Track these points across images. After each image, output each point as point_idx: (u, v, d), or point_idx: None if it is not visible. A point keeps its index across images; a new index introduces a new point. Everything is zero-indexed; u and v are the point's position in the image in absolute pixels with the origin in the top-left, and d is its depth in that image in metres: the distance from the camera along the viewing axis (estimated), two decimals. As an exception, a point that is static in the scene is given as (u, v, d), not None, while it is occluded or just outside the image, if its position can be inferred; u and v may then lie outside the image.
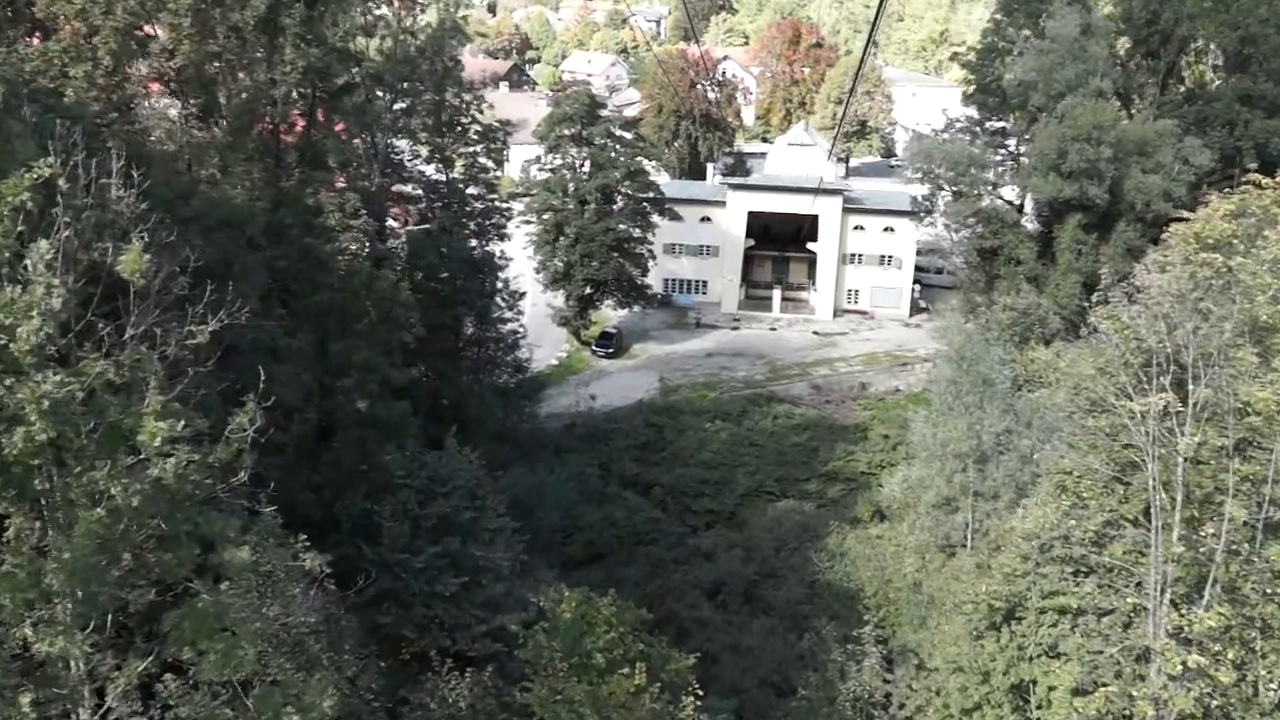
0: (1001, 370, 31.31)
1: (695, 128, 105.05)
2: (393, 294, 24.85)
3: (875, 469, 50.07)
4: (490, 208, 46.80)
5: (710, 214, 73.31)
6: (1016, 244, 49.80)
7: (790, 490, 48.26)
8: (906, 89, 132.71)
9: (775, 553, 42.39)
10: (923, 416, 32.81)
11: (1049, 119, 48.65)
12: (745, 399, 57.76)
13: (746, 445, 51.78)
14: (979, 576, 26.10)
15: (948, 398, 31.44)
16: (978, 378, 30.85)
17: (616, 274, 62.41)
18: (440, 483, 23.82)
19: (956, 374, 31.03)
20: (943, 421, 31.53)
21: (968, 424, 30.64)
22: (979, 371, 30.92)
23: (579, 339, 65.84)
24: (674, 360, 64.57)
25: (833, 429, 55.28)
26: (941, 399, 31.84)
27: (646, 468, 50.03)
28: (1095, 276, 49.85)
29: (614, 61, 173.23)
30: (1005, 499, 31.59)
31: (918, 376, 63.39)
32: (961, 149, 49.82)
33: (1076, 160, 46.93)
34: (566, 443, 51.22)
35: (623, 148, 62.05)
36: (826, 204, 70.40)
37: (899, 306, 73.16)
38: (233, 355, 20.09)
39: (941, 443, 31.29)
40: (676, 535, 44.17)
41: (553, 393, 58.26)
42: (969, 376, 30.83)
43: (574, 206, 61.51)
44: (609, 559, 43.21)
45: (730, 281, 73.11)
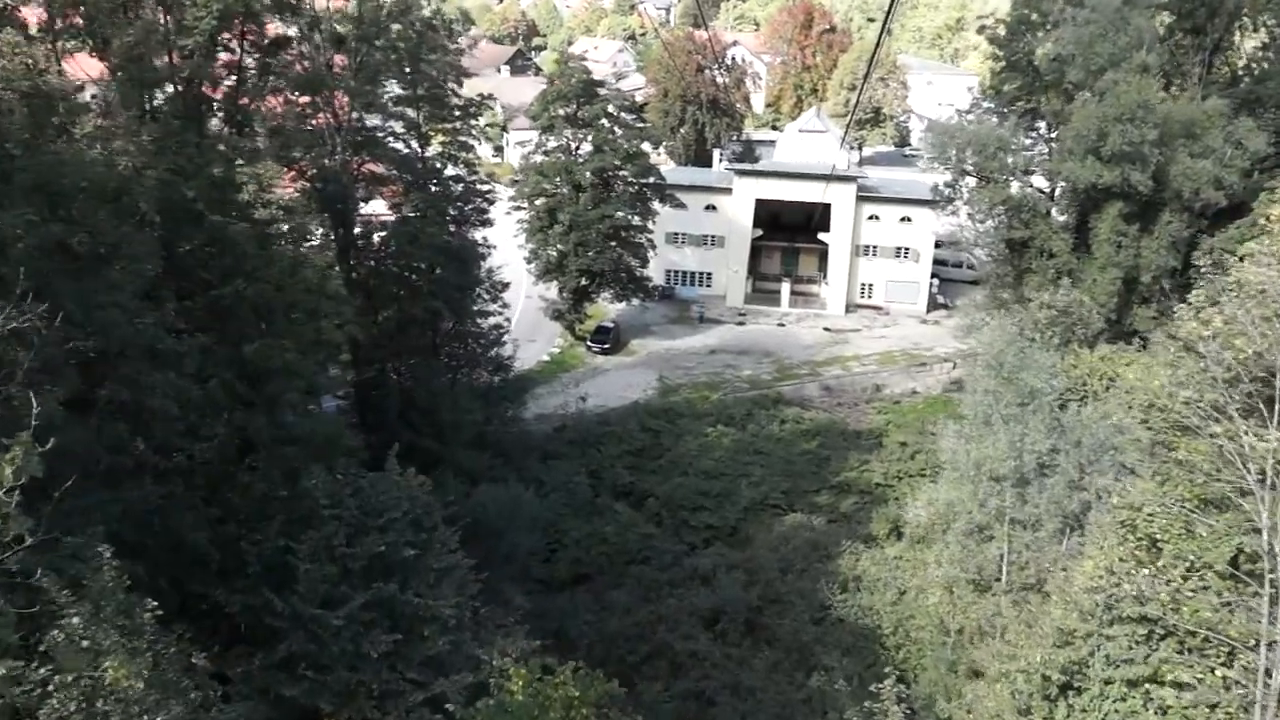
0: (1049, 380, 26.92)
1: (702, 113, 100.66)
2: (320, 285, 20.62)
3: (892, 480, 45.84)
4: (471, 190, 42.48)
5: (716, 202, 68.91)
6: (1049, 235, 45.29)
7: (798, 503, 43.99)
8: (922, 77, 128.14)
9: (781, 575, 38.18)
10: (954, 430, 28.43)
11: (1087, 98, 44.10)
12: (750, 401, 53.48)
13: (751, 453, 47.51)
14: (1026, 637, 21.73)
15: (984, 410, 27.06)
16: (1022, 387, 26.47)
17: (614, 265, 58.13)
18: (374, 513, 19.64)
19: (996, 383, 26.64)
20: (978, 437, 27.18)
21: (1008, 441, 26.27)
22: (1023, 380, 26.54)
23: (573, 334, 61.62)
24: (675, 357, 60.29)
25: (845, 435, 50.99)
26: (977, 411, 27.48)
27: (641, 476, 45.83)
28: (1136, 271, 45.60)
29: (621, 48, 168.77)
30: (1049, 529, 27.31)
31: (936, 378, 59.16)
32: (988, 130, 45.30)
33: (1118, 142, 42.41)
34: (555, 448, 47.02)
35: (622, 129, 57.65)
36: (839, 192, 66.02)
37: (916, 302, 68.71)
38: (101, 362, 15.95)
39: (976, 462, 27.00)
40: (672, 554, 39.98)
41: (543, 391, 54.05)
42: (1011, 386, 26.45)
43: (568, 192, 57.21)
44: (596, 580, 39.09)
45: (736, 274, 68.77)
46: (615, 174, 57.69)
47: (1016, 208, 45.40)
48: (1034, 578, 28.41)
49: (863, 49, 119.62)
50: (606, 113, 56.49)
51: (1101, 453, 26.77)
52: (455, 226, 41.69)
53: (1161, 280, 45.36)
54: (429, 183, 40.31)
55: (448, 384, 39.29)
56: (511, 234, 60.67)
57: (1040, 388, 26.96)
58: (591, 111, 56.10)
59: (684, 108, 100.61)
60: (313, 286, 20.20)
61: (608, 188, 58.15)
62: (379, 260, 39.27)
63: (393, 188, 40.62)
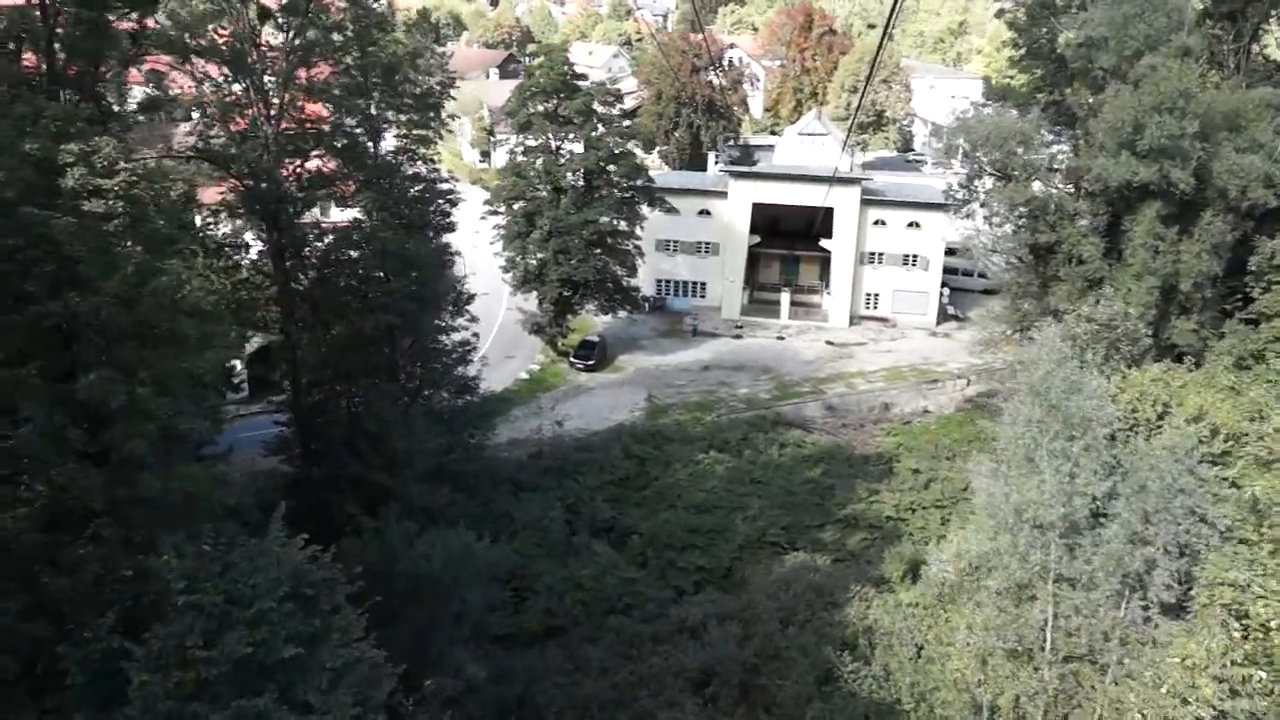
0: (1104, 408, 22.17)
1: (698, 116, 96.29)
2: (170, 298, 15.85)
3: (905, 513, 41.09)
4: (431, 190, 37.78)
5: (710, 206, 64.30)
6: (1078, 240, 40.56)
7: (800, 540, 39.20)
8: (925, 80, 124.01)
9: (781, 628, 33.28)
10: (988, 470, 23.61)
11: (1120, 87, 39.48)
12: (747, 423, 48.68)
13: (747, 482, 42.70)
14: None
15: (1027, 444, 22.30)
16: (1071, 417, 21.73)
17: (598, 274, 53.45)
18: (242, 602, 14.89)
19: (1042, 412, 21.89)
20: (1019, 477, 22.42)
21: (1056, 483, 21.52)
22: (1073, 409, 21.80)
23: (555, 349, 56.88)
24: (665, 374, 55.56)
25: (851, 461, 46.22)
26: (1017, 445, 22.70)
27: (624, 510, 41.02)
28: (1174, 279, 40.85)
29: (616, 53, 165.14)
30: (1105, 590, 22.53)
31: (949, 396, 54.48)
32: (1009, 123, 40.64)
33: (1156, 135, 37.81)
34: (528, 478, 42.22)
35: (606, 126, 53.05)
36: (842, 195, 61.44)
37: (925, 313, 64.07)
38: None
39: (1016, 507, 22.21)
40: (657, 602, 35.12)
41: (519, 413, 49.38)
42: (1059, 415, 21.72)
43: (548, 195, 52.53)
44: (570, 634, 34.22)
45: (732, 283, 64.12)
46: (600, 175, 53.05)
47: (1041, 209, 40.68)
48: (1085, 646, 23.64)
49: (864, 50, 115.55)
50: (590, 109, 51.83)
51: (1169, 498, 21.98)
52: (414, 230, 36.96)
53: (1204, 289, 40.61)
54: (383, 181, 35.59)
55: (401, 408, 34.48)
56: (489, 241, 56.19)
57: (1094, 417, 22.18)
58: (573, 107, 51.45)
59: (678, 110, 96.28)
60: (164, 301, 15.43)
61: (591, 190, 53.51)
62: (325, 269, 34.56)
63: (341, 186, 35.93)
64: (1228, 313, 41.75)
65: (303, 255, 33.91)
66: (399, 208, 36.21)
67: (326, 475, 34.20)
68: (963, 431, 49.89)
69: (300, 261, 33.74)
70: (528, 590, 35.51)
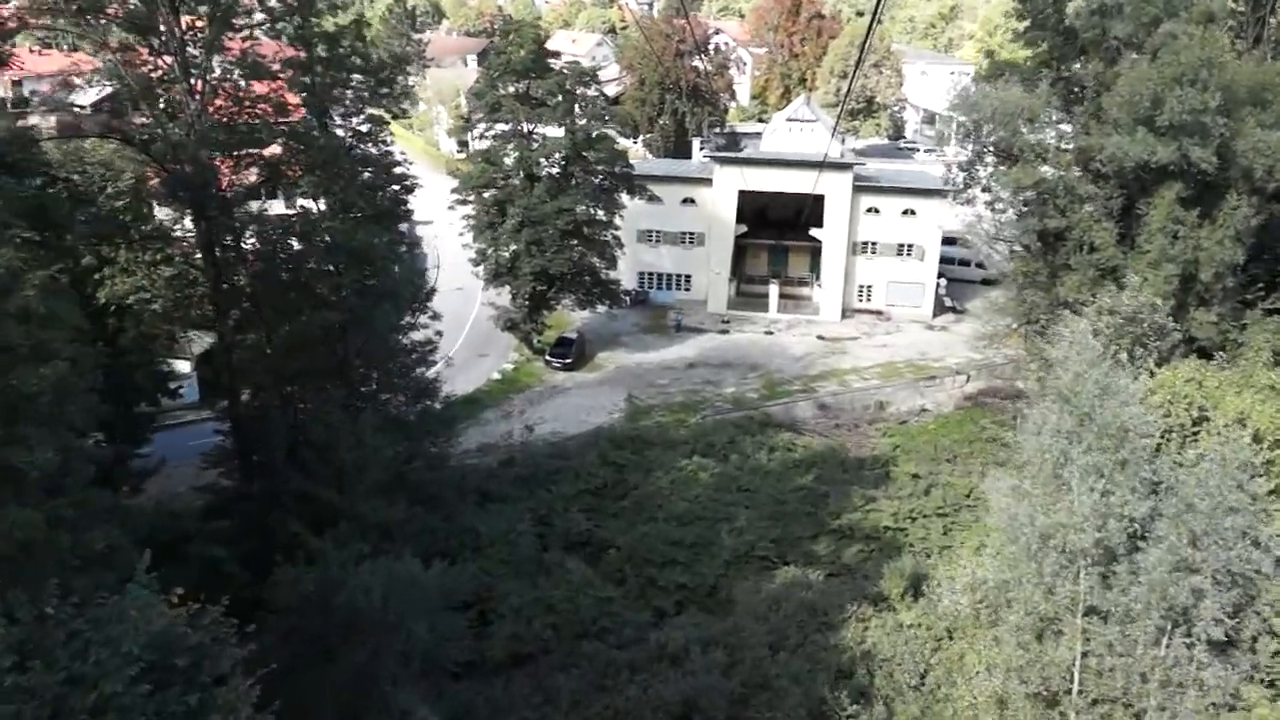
0: (1143, 416, 19.04)
1: (682, 102, 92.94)
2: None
3: (904, 522, 38.03)
4: (385, 174, 34.32)
5: (694, 194, 61.03)
6: (1090, 225, 37.43)
7: (791, 553, 36.07)
8: (916, 66, 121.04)
9: (771, 654, 30.19)
10: (1008, 487, 20.43)
11: (1136, 57, 36.34)
12: (733, 425, 45.50)
13: (734, 490, 39.55)
14: None
15: (1054, 458, 19.16)
16: (1107, 427, 18.60)
17: (574, 266, 50.14)
18: (85, 682, 11.63)
19: (1072, 420, 18.75)
20: (1044, 496, 19.27)
21: (1091, 503, 18.39)
22: (1108, 417, 18.66)
23: (530, 347, 53.56)
24: (647, 373, 52.32)
25: (845, 465, 43.09)
26: (1042, 460, 19.55)
27: (601, 521, 37.83)
28: (1194, 267, 37.77)
29: (600, 41, 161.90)
30: (1144, 625, 19.39)
31: (948, 393, 51.45)
32: (1015, 98, 37.43)
33: (1177, 111, 34.65)
34: (496, 488, 38.95)
35: (582, 108, 49.68)
36: (834, 182, 58.25)
37: (921, 305, 60.98)
38: None
39: (1043, 532, 19.08)
40: (635, 626, 31.97)
41: (491, 416, 46.13)
42: (1091, 425, 18.59)
43: (520, 182, 49.14)
44: (539, 661, 31.06)
45: (718, 275, 60.90)
46: (576, 161, 49.69)
47: (1051, 192, 37.54)
48: (1119, 689, 20.54)
49: (854, 34, 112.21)
50: (564, 89, 48.45)
51: (1219, 518, 18.88)
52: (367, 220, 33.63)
53: (1224, 278, 37.51)
54: (330, 166, 32.15)
55: (351, 415, 31.11)
56: (458, 232, 52.89)
57: (1133, 427, 19.05)
58: (545, 87, 48.04)
59: (662, 96, 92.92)
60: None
61: (567, 177, 50.16)
62: (264, 262, 31.17)
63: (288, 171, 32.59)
64: (1248, 303, 38.69)
65: (239, 247, 30.47)
66: (348, 194, 32.76)
67: (267, 490, 30.97)
68: (963, 431, 46.89)
69: (235, 254, 30.31)
70: (493, 613, 32.31)
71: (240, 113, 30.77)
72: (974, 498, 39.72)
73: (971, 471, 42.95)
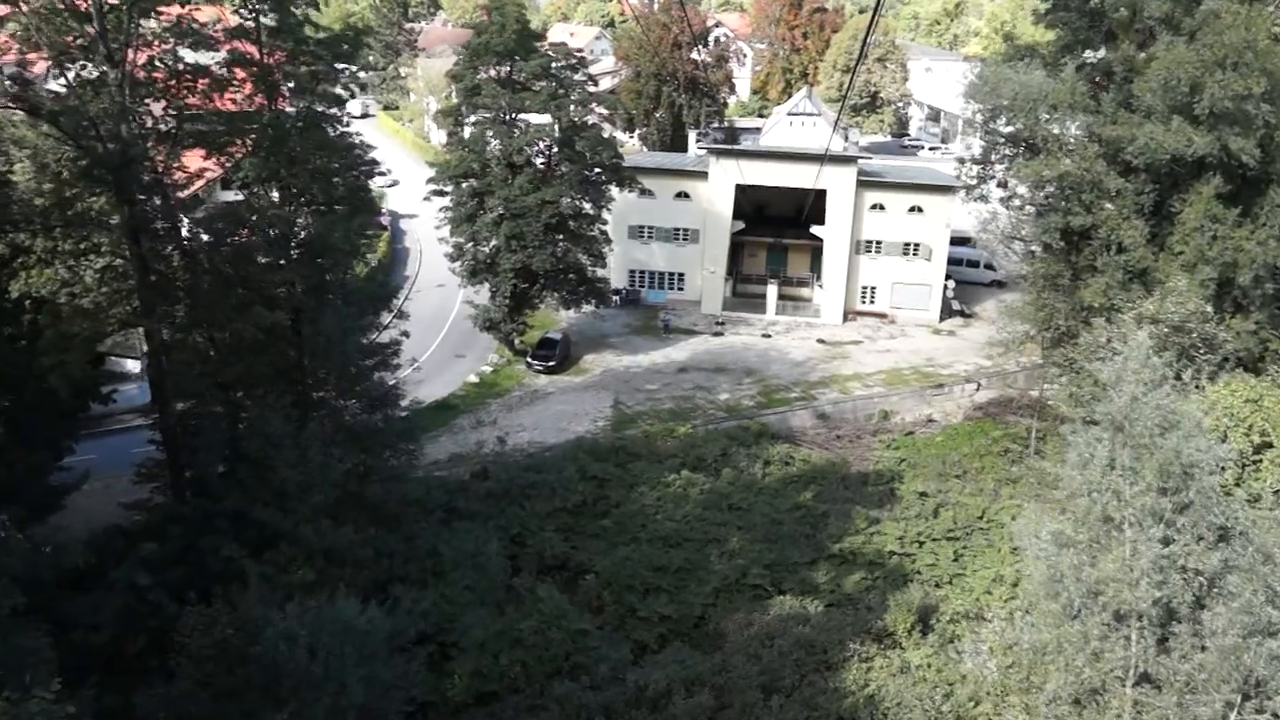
0: (1211, 450, 15.73)
1: (680, 94, 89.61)
2: None
3: (911, 546, 34.74)
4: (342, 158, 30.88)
5: (688, 188, 57.68)
6: (1119, 223, 34.12)
7: (787, 581, 32.74)
8: (921, 63, 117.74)
9: (764, 697, 27.04)
10: (1048, 533, 17.06)
11: (1173, 39, 33.04)
12: (726, 435, 42.17)
13: (725, 509, 36.23)
14: None
15: (1105, 499, 15.84)
16: (1169, 463, 15.29)
17: (558, 262, 46.82)
18: None
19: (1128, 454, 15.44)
20: (1093, 545, 15.95)
21: (1151, 555, 15.09)
22: (1169, 451, 15.35)
23: (512, 348, 50.22)
24: (635, 377, 48.99)
25: (847, 481, 39.80)
26: (1090, 500, 16.22)
27: (579, 543, 34.50)
28: (1232, 270, 34.50)
29: (598, 35, 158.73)
30: (1213, 699, 16.08)
31: (957, 402, 48.14)
32: (1038, 83, 34.10)
33: (1217, 97, 31.50)
34: (465, 505, 35.56)
35: (568, 93, 46.33)
36: (837, 176, 54.94)
37: (927, 308, 57.68)
38: None
39: (1091, 588, 15.76)
40: (612, 663, 28.63)
41: (466, 423, 42.77)
42: (1151, 459, 15.28)
43: (500, 172, 45.78)
44: (505, 703, 27.85)
45: (713, 274, 57.59)
46: (565, 147, 46.29)
47: (1076, 186, 34.22)
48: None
49: (857, 28, 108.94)
50: (549, 72, 45.10)
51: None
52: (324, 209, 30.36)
53: (1264, 282, 34.21)
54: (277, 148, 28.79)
55: (295, 426, 27.73)
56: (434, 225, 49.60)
57: (1200, 462, 15.74)
58: (528, 70, 44.68)
59: (658, 88, 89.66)
60: None
61: (550, 167, 46.83)
62: (201, 255, 27.85)
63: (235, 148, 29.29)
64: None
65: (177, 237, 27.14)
66: (299, 180, 29.44)
67: (200, 510, 27.65)
68: (974, 444, 43.57)
69: (170, 245, 26.97)
70: (454, 648, 28.98)
71: (176, 87, 27.52)
72: (987, 519, 36.46)
73: (983, 489, 39.69)
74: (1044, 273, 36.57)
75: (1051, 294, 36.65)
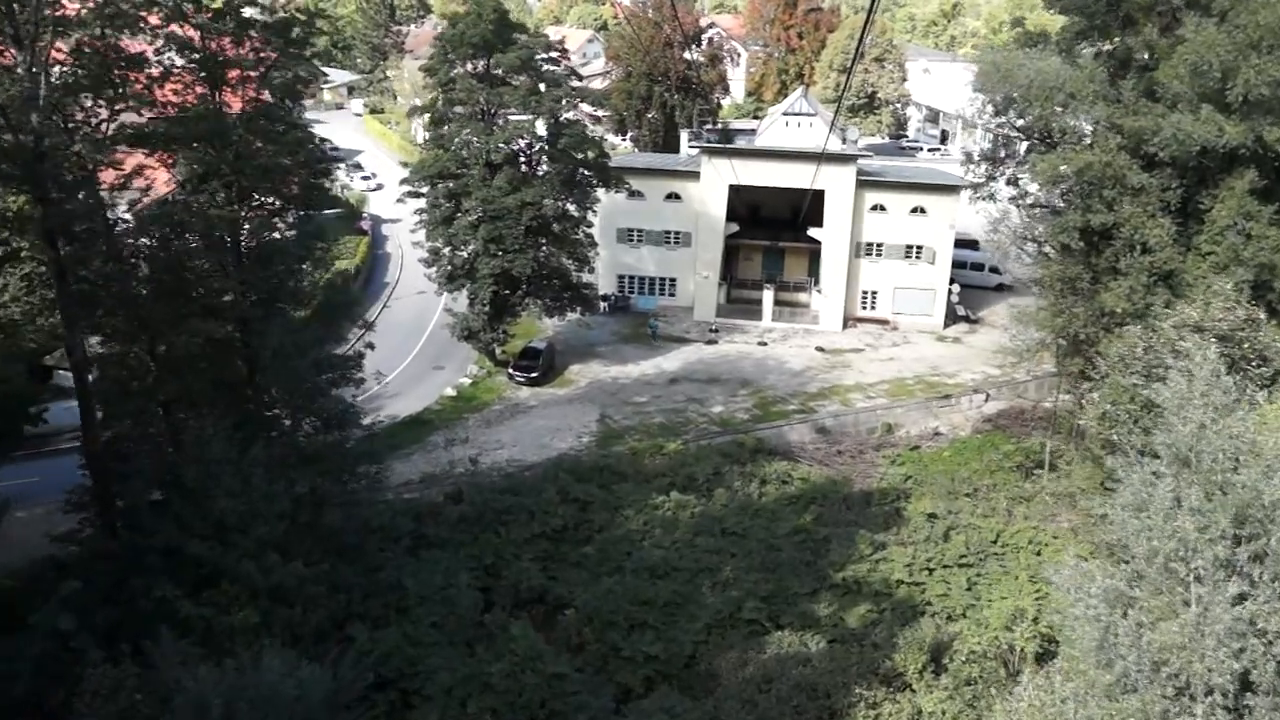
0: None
1: (671, 95, 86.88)
2: None
3: (920, 575, 31.88)
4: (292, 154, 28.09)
5: (680, 189, 54.97)
6: (1143, 221, 31.40)
7: (786, 614, 29.93)
8: (919, 64, 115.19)
9: (760, 752, 24.18)
10: (1100, 591, 14.21)
11: (1201, 21, 30.34)
12: (720, 452, 39.37)
13: (719, 534, 33.41)
14: None
15: (1169, 548, 13.05)
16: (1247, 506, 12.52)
17: (540, 266, 44.05)
18: None
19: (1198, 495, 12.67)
20: (1152, 603, 13.17)
21: (1227, 619, 12.32)
22: (1247, 492, 12.57)
23: (493, 358, 47.41)
24: (624, 389, 46.19)
25: (849, 501, 37.00)
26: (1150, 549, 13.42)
27: (560, 572, 31.68)
28: (1267, 273, 31.80)
29: (591, 38, 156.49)
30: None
31: (964, 414, 45.40)
32: (1056, 69, 31.42)
33: (1252, 83, 28.89)
34: (435, 531, 32.75)
35: (549, 87, 43.60)
36: (835, 176, 52.25)
37: (931, 314, 54.93)
38: None
39: (1156, 656, 12.97)
40: (593, 711, 25.80)
41: (441, 439, 39.88)
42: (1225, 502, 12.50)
43: (478, 172, 43.01)
44: (471, 759, 24.91)
45: (706, 279, 54.85)
46: (554, 142, 43.51)
47: (1097, 182, 31.50)
48: None
49: (854, 27, 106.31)
50: (529, 64, 42.37)
51: None
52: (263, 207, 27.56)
53: (1299, 285, 31.50)
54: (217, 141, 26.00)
55: (236, 448, 24.88)
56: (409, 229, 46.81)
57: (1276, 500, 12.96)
58: (506, 63, 41.93)
59: (650, 88, 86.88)
60: None
61: (531, 166, 44.09)
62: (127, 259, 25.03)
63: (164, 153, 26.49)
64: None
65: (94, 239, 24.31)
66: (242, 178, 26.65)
67: (131, 545, 24.82)
68: (984, 459, 40.84)
69: (89, 247, 24.14)
70: (417, 695, 26.12)
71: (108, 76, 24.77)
72: (1002, 544, 33.69)
73: (996, 509, 36.96)
74: (1061, 276, 33.80)
75: (1069, 298, 33.87)
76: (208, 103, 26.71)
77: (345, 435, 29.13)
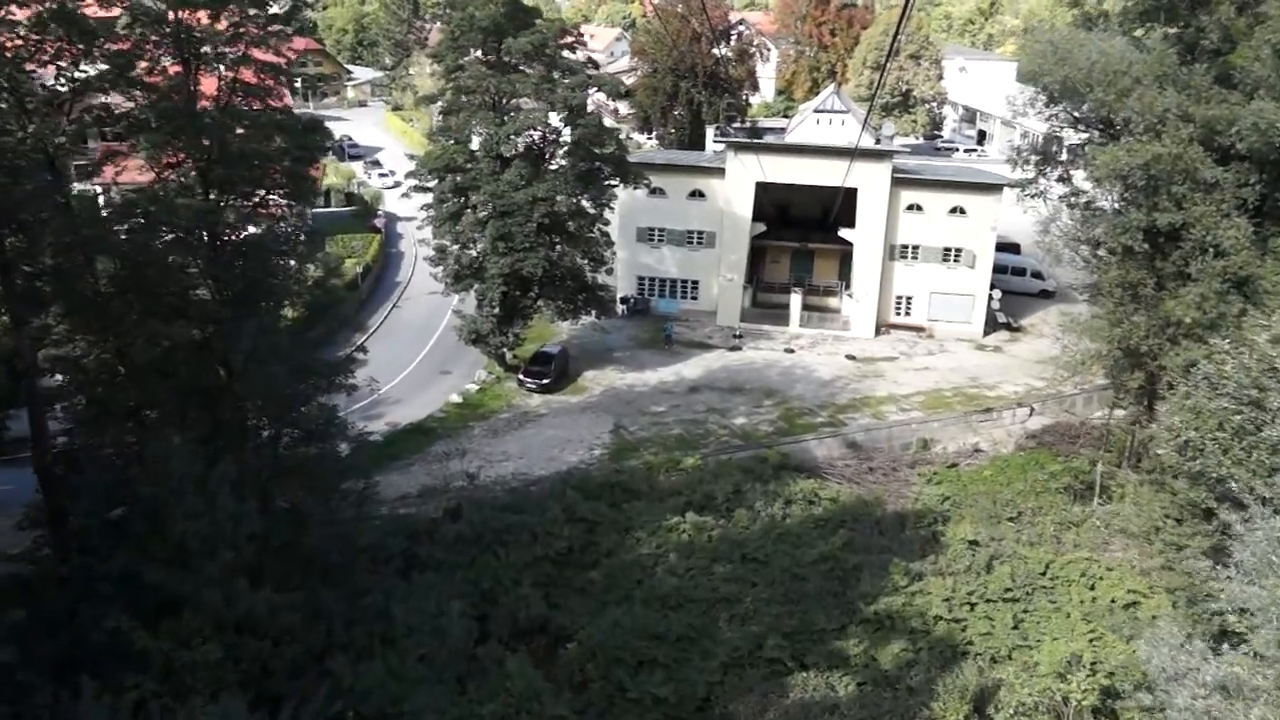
0: None
1: (699, 91, 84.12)
2: None
3: (961, 610, 28.78)
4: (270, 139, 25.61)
5: (704, 187, 52.16)
6: (1216, 221, 28.20)
7: (811, 653, 27.01)
8: (955, 62, 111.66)
9: (781, 816, 21.31)
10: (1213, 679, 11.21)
11: (1283, -1, 27.18)
12: (741, 468, 36.47)
13: (738, 560, 30.52)
14: None
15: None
16: None
17: (552, 266, 41.41)
18: None
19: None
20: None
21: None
22: None
23: (502, 364, 44.83)
24: (640, 397, 43.42)
25: (882, 524, 34.00)
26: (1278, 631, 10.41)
27: (563, 599, 28.94)
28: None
29: (619, 36, 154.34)
30: None
31: (1007, 429, 42.32)
32: (1122, 49, 28.31)
33: (1346, 67, 25.54)
34: (429, 551, 30.13)
35: (564, 75, 40.95)
36: (869, 174, 49.26)
37: (970, 321, 51.72)
38: None
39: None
40: (591, 763, 23.07)
41: (443, 449, 37.27)
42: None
43: (487, 165, 40.45)
44: (455, 816, 22.26)
45: (730, 282, 52.01)
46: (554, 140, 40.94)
47: (1165, 178, 28.31)
48: None
49: (888, 23, 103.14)
50: (543, 49, 39.74)
51: None
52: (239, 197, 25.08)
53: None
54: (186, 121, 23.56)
55: (201, 463, 22.42)
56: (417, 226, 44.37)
57: None
58: (517, 47, 39.30)
59: (676, 84, 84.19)
60: None
61: (544, 160, 41.47)
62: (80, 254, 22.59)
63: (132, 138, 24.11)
64: None
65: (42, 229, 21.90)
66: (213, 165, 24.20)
67: (83, 569, 22.42)
68: (1028, 479, 37.73)
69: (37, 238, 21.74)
70: (400, 739, 23.49)
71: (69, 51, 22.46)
72: (1051, 576, 30.56)
73: (1043, 535, 33.91)
74: (1121, 281, 30.58)
75: (1129, 306, 30.65)
76: (178, 83, 24.30)
77: (330, 447, 26.57)
